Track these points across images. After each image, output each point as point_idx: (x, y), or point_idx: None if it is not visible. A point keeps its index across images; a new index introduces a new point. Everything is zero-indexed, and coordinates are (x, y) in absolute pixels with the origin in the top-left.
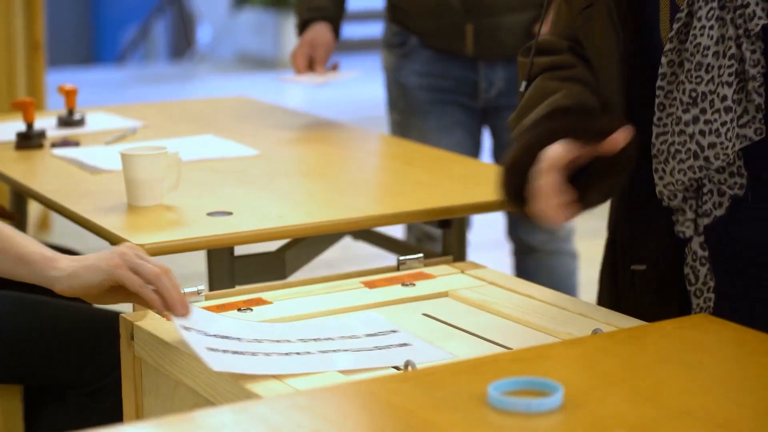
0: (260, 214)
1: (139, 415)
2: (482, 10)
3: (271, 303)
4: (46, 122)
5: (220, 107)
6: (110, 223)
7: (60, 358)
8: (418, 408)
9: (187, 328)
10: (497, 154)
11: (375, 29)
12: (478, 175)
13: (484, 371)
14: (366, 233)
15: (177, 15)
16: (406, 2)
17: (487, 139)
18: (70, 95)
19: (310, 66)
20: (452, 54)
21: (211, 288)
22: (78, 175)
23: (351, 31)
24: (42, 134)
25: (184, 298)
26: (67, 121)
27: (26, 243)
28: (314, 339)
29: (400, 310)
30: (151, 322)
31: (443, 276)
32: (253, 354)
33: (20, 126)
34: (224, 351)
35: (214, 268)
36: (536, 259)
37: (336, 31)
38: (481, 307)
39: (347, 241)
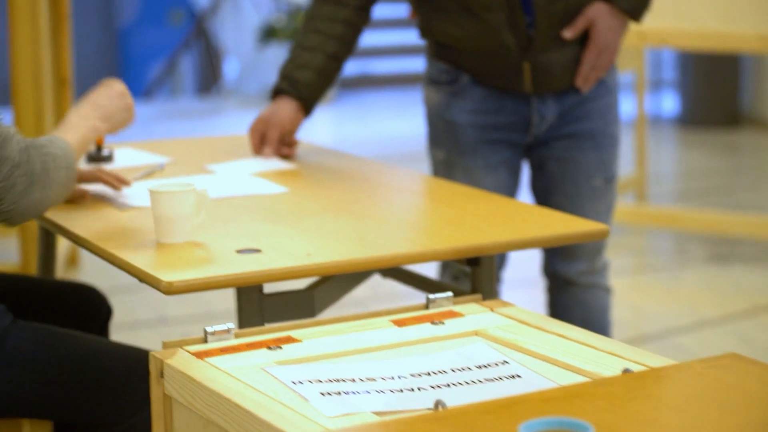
0: (289, 252)
1: None
2: (537, 47)
3: (300, 341)
4: None
5: (248, 143)
6: (139, 260)
7: (90, 395)
8: None
9: (298, 383)
10: (536, 187)
11: (398, 65)
12: (508, 213)
13: (515, 411)
14: (395, 271)
15: (204, 50)
16: (458, 43)
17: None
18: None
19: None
20: (507, 91)
21: (241, 326)
22: (106, 211)
23: (374, 66)
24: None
25: None
26: (96, 157)
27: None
28: (427, 373)
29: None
30: (182, 360)
31: (472, 314)
32: (367, 392)
33: None
34: (338, 393)
35: (244, 306)
36: (571, 293)
37: (307, 110)
38: (510, 346)
39: (376, 279)
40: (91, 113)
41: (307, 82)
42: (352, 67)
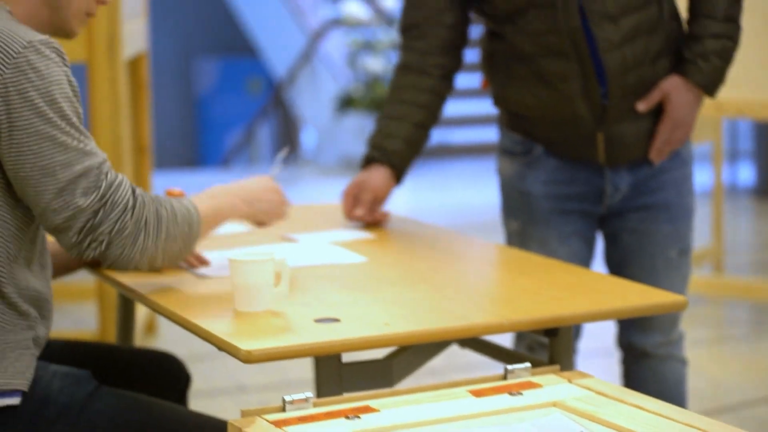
0: (368, 321)
1: None
2: (611, 118)
3: (378, 411)
4: None
5: (326, 212)
6: (218, 328)
7: None
8: None
9: None
10: (610, 258)
11: (474, 134)
12: (584, 283)
13: None
14: (472, 341)
15: (281, 119)
16: (531, 112)
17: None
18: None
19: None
20: (581, 162)
21: (319, 395)
22: (185, 279)
23: (450, 135)
24: None
25: None
26: None
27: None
28: None
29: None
30: (260, 429)
31: (550, 385)
32: None
33: None
34: None
35: (322, 375)
36: (647, 365)
37: (398, 177)
38: (589, 418)
39: (454, 349)
40: (234, 191)
41: (397, 151)
42: None
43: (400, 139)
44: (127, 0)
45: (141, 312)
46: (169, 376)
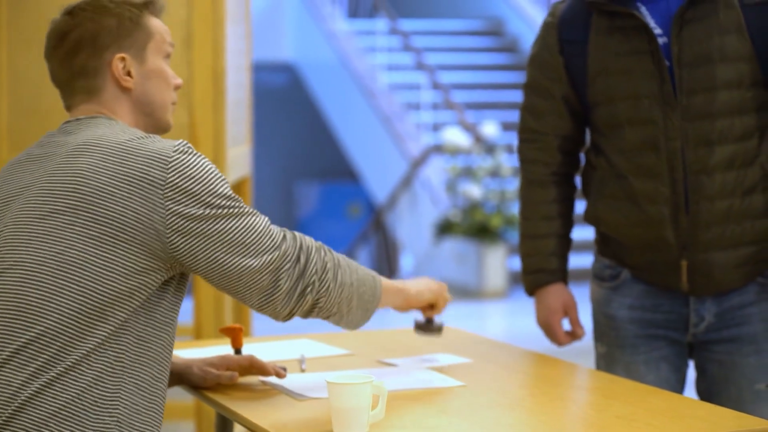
0: None
1: None
2: (698, 246)
3: None
4: (257, 347)
5: (424, 337)
6: None
7: None
8: None
9: None
10: (701, 389)
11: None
12: (678, 409)
13: None
14: None
15: (381, 243)
16: (620, 233)
17: (690, 372)
18: (236, 335)
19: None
20: (664, 288)
21: None
22: (282, 400)
23: None
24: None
25: None
26: (424, 327)
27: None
28: None
29: None
30: None
31: None
32: None
33: (228, 351)
34: None
35: None
36: None
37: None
38: None
39: None
40: (403, 283)
41: (558, 268)
42: None
43: (556, 256)
44: (231, 126)
45: None
46: None
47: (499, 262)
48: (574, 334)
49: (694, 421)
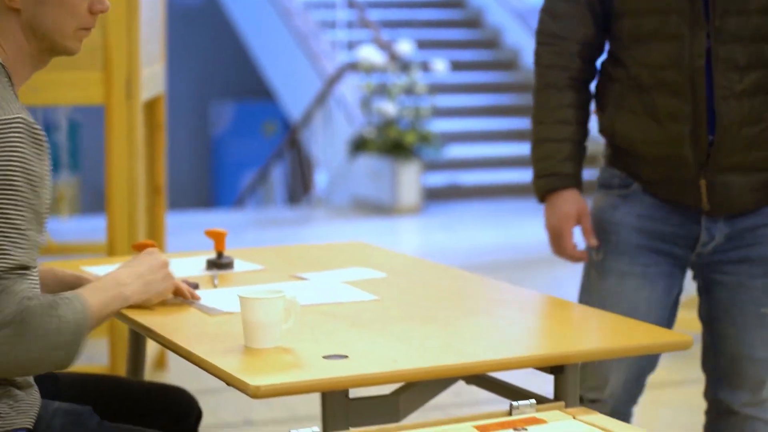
0: (375, 358)
1: None
2: (716, 167)
3: None
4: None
5: (337, 252)
6: (227, 364)
7: None
8: None
9: None
10: (703, 313)
11: (485, 177)
12: (593, 323)
13: None
14: (479, 378)
15: (295, 160)
16: (636, 148)
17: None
18: (219, 238)
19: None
20: (678, 205)
21: (325, 430)
22: (195, 315)
23: (462, 177)
24: None
25: None
26: (216, 263)
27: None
28: None
29: None
30: None
31: (555, 421)
32: None
33: None
34: None
35: (329, 411)
36: (731, 422)
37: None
38: None
39: (460, 386)
40: (126, 281)
41: (575, 173)
42: (439, 178)
43: (571, 161)
44: (145, 44)
45: (151, 347)
46: (179, 410)
47: (413, 179)
48: (581, 255)
49: (607, 334)
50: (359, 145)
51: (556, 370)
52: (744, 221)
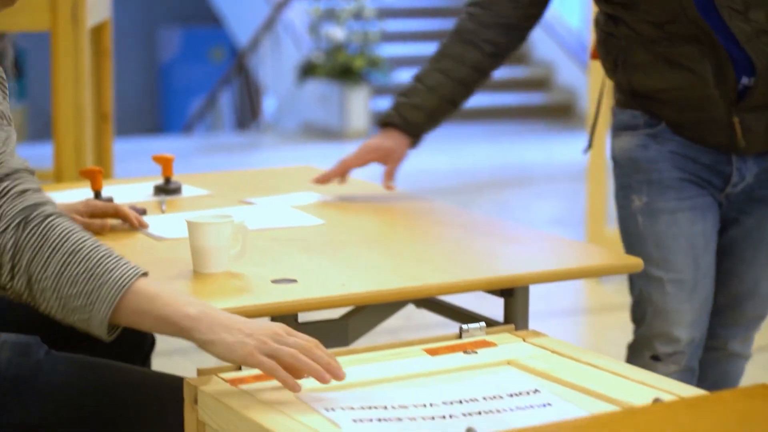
0: (324, 282)
1: None
2: (747, 105)
3: None
4: (118, 189)
5: (285, 176)
6: (176, 289)
7: (125, 425)
8: None
9: (330, 409)
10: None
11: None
12: (544, 246)
13: None
14: (428, 302)
15: (243, 86)
16: (661, 95)
17: None
18: (167, 163)
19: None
20: (707, 145)
21: None
22: (143, 241)
23: None
24: (110, 201)
25: (335, 365)
26: (164, 188)
27: (170, 301)
28: (458, 401)
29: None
30: (216, 387)
31: (505, 344)
32: (399, 419)
33: (88, 194)
34: (370, 420)
35: None
36: (713, 357)
37: (413, 145)
38: (542, 375)
39: (410, 309)
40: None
41: (419, 124)
42: (388, 103)
43: (424, 113)
44: None
45: None
46: (133, 338)
47: (362, 103)
48: (391, 180)
49: (556, 256)
50: (308, 71)
51: (506, 293)
52: None
